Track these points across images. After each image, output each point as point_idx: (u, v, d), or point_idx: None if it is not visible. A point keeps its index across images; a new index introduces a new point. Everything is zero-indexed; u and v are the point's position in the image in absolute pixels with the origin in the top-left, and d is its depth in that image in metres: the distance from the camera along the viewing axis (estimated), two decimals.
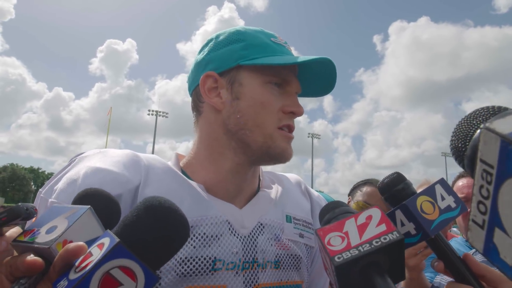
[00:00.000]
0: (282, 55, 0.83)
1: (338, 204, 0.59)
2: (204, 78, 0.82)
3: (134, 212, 0.46)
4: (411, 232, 0.61)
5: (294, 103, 0.83)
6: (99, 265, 0.39)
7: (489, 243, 0.33)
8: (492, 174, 0.31)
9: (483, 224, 0.33)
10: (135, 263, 0.41)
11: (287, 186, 0.95)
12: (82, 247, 0.42)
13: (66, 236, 0.45)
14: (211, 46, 0.86)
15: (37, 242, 0.45)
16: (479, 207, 0.34)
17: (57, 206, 0.52)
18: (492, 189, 0.32)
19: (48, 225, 0.47)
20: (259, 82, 0.81)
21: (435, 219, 0.61)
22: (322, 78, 0.89)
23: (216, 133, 0.83)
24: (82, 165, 0.73)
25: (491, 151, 0.31)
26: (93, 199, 0.52)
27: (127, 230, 0.44)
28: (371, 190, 1.77)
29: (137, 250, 0.42)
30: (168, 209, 0.46)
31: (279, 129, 0.81)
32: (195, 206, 0.75)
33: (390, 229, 0.47)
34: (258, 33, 0.86)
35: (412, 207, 0.60)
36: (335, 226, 0.50)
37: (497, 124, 0.31)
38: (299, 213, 0.90)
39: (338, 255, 0.45)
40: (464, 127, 0.48)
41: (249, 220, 0.80)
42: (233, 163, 0.82)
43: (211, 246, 0.73)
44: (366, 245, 0.45)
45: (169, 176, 0.77)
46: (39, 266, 0.42)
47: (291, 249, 0.84)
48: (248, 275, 0.75)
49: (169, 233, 0.45)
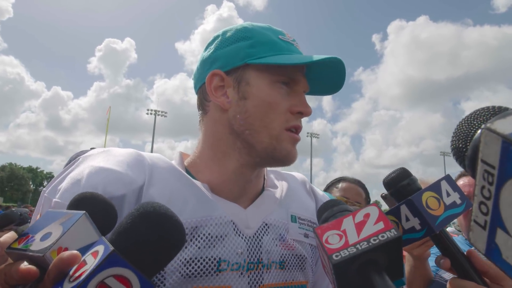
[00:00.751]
0: (290, 54, 0.81)
1: (336, 203, 0.59)
2: (211, 77, 0.81)
3: (128, 218, 0.45)
4: (416, 228, 0.61)
5: (302, 103, 0.81)
6: (93, 275, 0.38)
7: (491, 244, 0.33)
8: (494, 174, 0.31)
9: (485, 225, 0.33)
10: (130, 272, 0.40)
11: (292, 186, 0.94)
12: (76, 256, 0.41)
13: (61, 243, 0.44)
14: (217, 43, 0.84)
15: (31, 249, 0.44)
16: (480, 207, 0.34)
17: (52, 211, 0.51)
18: (493, 190, 0.31)
19: (42, 232, 0.47)
20: (267, 82, 0.79)
21: (440, 214, 0.61)
22: (330, 77, 0.87)
23: (221, 132, 0.81)
24: (86, 164, 0.72)
25: (492, 151, 0.31)
26: (89, 203, 0.51)
27: (122, 237, 0.44)
28: (346, 185, 1.81)
29: (132, 258, 0.41)
30: (163, 215, 0.46)
31: (286, 130, 0.79)
32: (200, 206, 0.74)
33: (388, 227, 0.47)
34: (265, 30, 0.83)
35: (418, 202, 0.60)
36: (333, 224, 0.50)
37: (498, 125, 0.31)
38: (304, 213, 0.89)
39: (336, 253, 0.45)
40: (465, 128, 0.48)
41: (254, 220, 0.80)
42: (237, 164, 0.80)
43: (216, 247, 0.72)
44: (363, 243, 0.46)
45: (173, 176, 0.77)
46: (33, 274, 0.42)
47: (296, 249, 0.83)
48: (253, 275, 0.75)
49: (164, 239, 0.44)
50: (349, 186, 1.80)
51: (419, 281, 1.18)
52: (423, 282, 1.18)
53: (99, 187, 0.66)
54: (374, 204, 0.51)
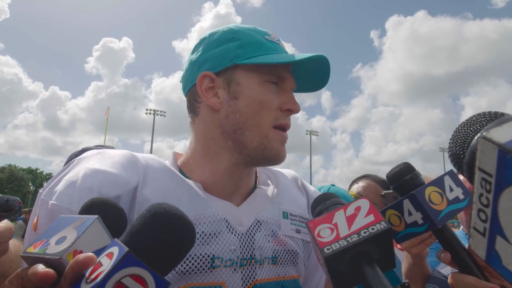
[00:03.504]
0: (277, 53, 0.84)
1: (329, 196, 0.59)
2: (201, 78, 0.82)
3: (140, 220, 0.47)
4: (418, 222, 0.62)
5: (291, 100, 0.84)
6: (110, 275, 0.40)
7: (491, 251, 0.33)
8: (491, 182, 0.31)
9: (484, 232, 0.34)
10: (145, 271, 0.42)
11: (284, 182, 0.97)
12: (91, 258, 0.43)
13: (76, 246, 0.45)
14: (205, 46, 0.86)
15: (47, 253, 0.46)
16: (479, 215, 0.34)
17: (64, 217, 0.52)
18: (491, 198, 0.32)
19: (57, 236, 0.48)
20: (256, 81, 0.81)
21: (443, 209, 0.61)
22: (315, 74, 0.90)
23: (213, 133, 0.83)
24: (81, 166, 0.73)
25: (489, 160, 0.31)
26: (100, 208, 0.53)
27: (135, 238, 0.45)
28: (365, 183, 1.81)
29: (145, 258, 0.43)
30: (174, 215, 0.47)
31: (274, 128, 0.81)
32: (193, 205, 0.76)
33: (378, 220, 0.48)
34: (251, 31, 0.85)
35: (421, 196, 0.61)
36: (325, 218, 0.51)
37: (494, 133, 0.31)
38: (295, 209, 0.92)
39: (327, 247, 0.46)
40: (462, 134, 0.48)
41: (246, 217, 0.82)
42: (229, 163, 0.83)
43: (210, 244, 0.74)
44: (354, 235, 0.47)
45: (167, 176, 0.78)
46: (51, 277, 0.43)
47: (288, 244, 0.85)
48: (246, 271, 0.77)
49: (176, 239, 0.46)
50: (367, 184, 1.78)
51: (418, 278, 1.21)
52: (421, 278, 1.21)
53: (94, 189, 0.68)
54: (365, 197, 0.52)
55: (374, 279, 0.44)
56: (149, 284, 0.42)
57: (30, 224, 0.71)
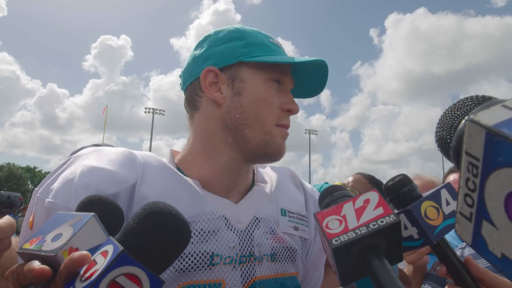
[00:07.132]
0: (281, 55, 0.87)
1: (337, 188, 0.59)
2: (206, 73, 0.83)
3: (136, 218, 0.46)
4: (414, 236, 0.61)
5: (291, 101, 0.86)
6: (105, 274, 0.40)
7: (477, 236, 0.33)
8: (478, 166, 0.31)
9: (470, 217, 0.33)
10: (139, 269, 0.42)
11: (281, 180, 0.97)
12: (86, 256, 0.43)
13: (72, 243, 0.45)
14: (210, 42, 0.87)
15: (43, 250, 0.46)
16: (466, 199, 0.33)
17: (61, 214, 0.52)
18: (478, 182, 0.31)
19: (53, 233, 0.48)
20: (261, 79, 0.83)
21: (438, 224, 0.60)
22: (312, 79, 0.92)
23: (213, 128, 0.83)
24: (78, 164, 0.73)
25: (476, 143, 0.30)
26: (97, 205, 0.53)
27: (130, 237, 0.45)
28: (355, 177, 2.00)
29: (140, 256, 0.43)
30: (169, 214, 0.47)
31: (277, 126, 0.83)
32: (192, 203, 0.76)
33: (387, 212, 0.47)
34: (256, 33, 0.88)
35: (416, 212, 0.60)
36: (333, 209, 0.50)
37: (481, 116, 0.30)
38: (293, 207, 0.92)
39: (336, 238, 0.46)
40: (449, 118, 0.47)
41: (245, 215, 0.82)
42: (228, 159, 0.83)
43: (209, 242, 0.74)
44: (363, 228, 0.46)
45: (165, 174, 0.78)
46: (47, 274, 0.43)
47: (286, 242, 0.86)
48: (245, 268, 0.77)
49: (171, 237, 0.46)
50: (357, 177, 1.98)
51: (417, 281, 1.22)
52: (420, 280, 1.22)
53: (92, 186, 0.68)
54: (375, 190, 0.51)
55: (382, 272, 0.43)
56: (144, 283, 0.42)
57: (25, 222, 0.71)
